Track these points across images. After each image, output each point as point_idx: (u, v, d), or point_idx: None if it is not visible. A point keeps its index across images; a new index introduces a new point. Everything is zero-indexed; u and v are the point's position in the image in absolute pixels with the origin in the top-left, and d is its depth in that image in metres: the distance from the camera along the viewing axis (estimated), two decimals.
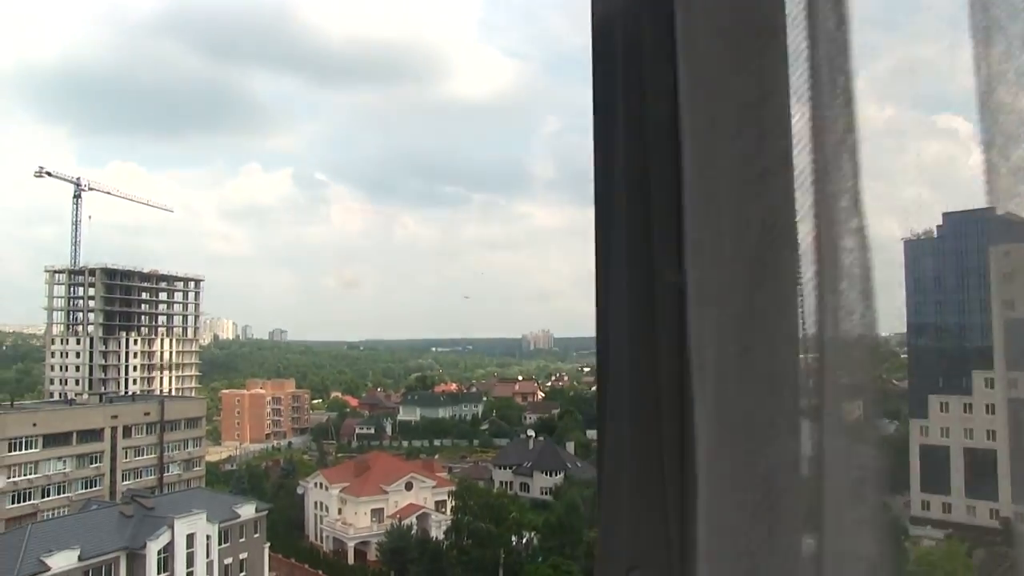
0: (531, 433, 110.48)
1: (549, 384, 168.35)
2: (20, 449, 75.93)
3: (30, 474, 76.11)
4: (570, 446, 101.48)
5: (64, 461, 79.09)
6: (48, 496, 76.80)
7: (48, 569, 49.93)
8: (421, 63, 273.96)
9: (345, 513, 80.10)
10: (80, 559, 51.84)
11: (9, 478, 74.16)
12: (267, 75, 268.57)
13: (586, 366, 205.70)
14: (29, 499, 75.49)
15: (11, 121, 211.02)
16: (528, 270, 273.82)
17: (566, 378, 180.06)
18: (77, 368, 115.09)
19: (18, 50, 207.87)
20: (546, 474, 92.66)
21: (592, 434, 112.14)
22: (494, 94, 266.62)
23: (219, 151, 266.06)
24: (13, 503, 74.21)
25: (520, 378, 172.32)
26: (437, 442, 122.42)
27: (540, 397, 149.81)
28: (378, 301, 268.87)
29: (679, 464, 1.67)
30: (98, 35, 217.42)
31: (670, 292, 1.67)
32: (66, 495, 76.94)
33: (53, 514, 70.00)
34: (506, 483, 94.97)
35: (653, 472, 1.71)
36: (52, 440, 78.19)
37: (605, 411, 1.82)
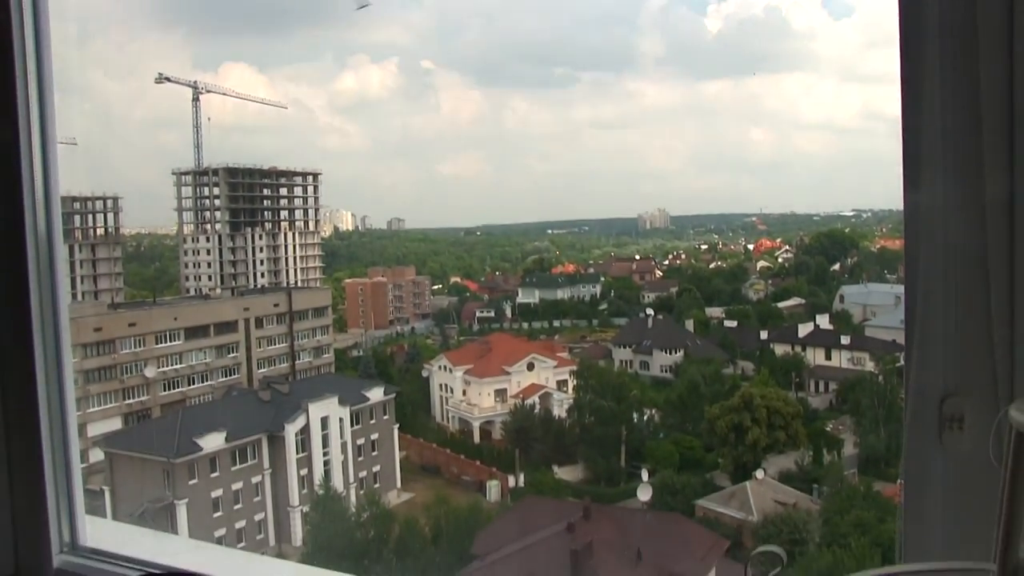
0: (649, 312, 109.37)
1: (667, 263, 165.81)
2: (165, 341, 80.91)
3: (176, 364, 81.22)
4: (689, 324, 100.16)
5: (205, 352, 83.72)
6: (193, 384, 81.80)
7: (200, 449, 53.57)
8: None
9: (469, 394, 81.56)
10: (227, 440, 55.39)
11: (159, 368, 79.39)
12: None
13: (703, 244, 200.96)
14: (177, 387, 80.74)
15: (129, 31, 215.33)
16: (641, 149, 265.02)
17: (683, 256, 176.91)
18: (209, 264, 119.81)
19: None
20: (666, 352, 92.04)
21: (711, 311, 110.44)
22: None
23: (327, 45, 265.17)
24: (164, 391, 79.55)
25: (637, 257, 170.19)
26: (556, 323, 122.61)
27: (658, 276, 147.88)
28: (492, 186, 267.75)
29: (1008, 284, 1.55)
30: None
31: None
32: (209, 383, 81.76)
33: (199, 400, 74.87)
34: (626, 362, 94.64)
35: (975, 295, 1.58)
36: (193, 333, 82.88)
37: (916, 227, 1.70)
